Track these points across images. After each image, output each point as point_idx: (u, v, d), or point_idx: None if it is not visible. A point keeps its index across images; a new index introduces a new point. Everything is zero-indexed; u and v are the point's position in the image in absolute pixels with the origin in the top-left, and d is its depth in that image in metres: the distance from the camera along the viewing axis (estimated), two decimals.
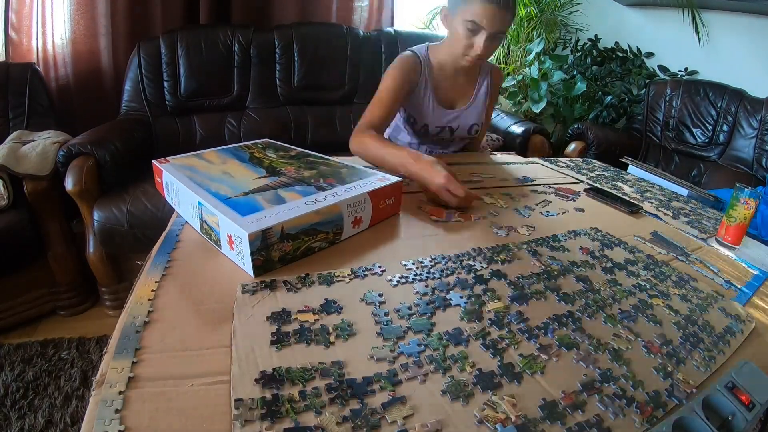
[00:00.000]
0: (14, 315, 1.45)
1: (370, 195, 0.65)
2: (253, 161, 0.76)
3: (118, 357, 0.40)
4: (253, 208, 0.56)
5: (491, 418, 0.37)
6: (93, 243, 1.49)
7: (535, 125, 2.06)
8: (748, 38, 2.09)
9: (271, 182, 0.66)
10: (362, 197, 0.64)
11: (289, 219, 0.53)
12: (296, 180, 0.68)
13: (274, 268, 0.54)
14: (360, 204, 0.64)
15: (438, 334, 0.46)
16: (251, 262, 0.51)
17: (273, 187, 0.64)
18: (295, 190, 0.63)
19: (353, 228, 0.64)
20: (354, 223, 0.64)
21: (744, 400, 0.42)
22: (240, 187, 0.63)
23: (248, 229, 0.50)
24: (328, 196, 0.61)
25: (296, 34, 2.03)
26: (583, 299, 0.56)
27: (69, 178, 1.39)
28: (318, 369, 0.40)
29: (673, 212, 0.96)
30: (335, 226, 0.61)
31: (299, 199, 0.59)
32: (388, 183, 0.69)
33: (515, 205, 0.85)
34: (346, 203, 0.61)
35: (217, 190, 0.61)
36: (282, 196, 0.61)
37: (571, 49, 2.60)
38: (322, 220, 0.58)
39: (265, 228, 0.51)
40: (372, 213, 0.66)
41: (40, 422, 1.12)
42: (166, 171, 0.68)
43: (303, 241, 0.56)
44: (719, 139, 2.01)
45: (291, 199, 0.59)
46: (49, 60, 1.83)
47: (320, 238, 0.59)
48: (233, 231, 0.52)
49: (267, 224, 0.51)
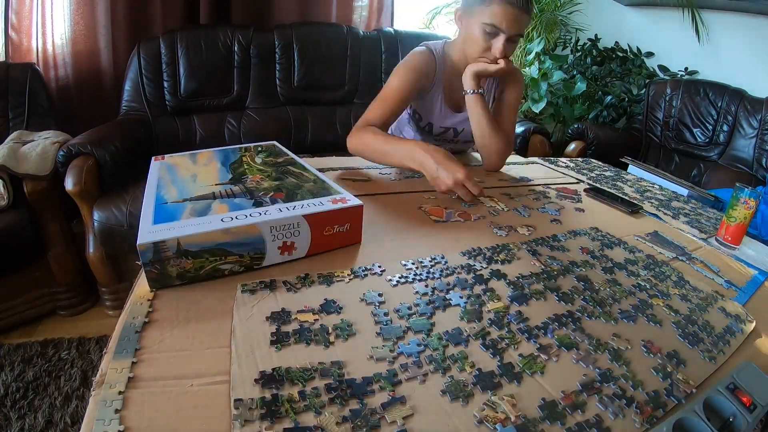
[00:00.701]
0: (14, 315, 1.45)
1: (308, 219, 0.55)
2: (233, 165, 0.72)
3: (118, 357, 0.40)
4: (172, 216, 0.52)
5: (491, 418, 0.37)
6: (93, 243, 1.49)
7: (535, 125, 2.06)
8: (748, 38, 2.09)
9: (220, 190, 0.61)
10: (294, 220, 0.54)
11: (187, 235, 0.48)
12: (247, 191, 0.61)
13: (172, 284, 0.49)
14: (290, 228, 0.54)
15: (438, 334, 0.46)
16: (145, 273, 0.48)
17: (216, 196, 0.59)
18: (231, 202, 0.57)
19: (282, 255, 0.55)
20: (283, 249, 0.55)
21: (745, 401, 0.41)
22: (189, 192, 0.59)
23: (142, 238, 0.47)
24: (253, 215, 0.53)
25: (296, 34, 2.03)
26: (582, 299, 0.56)
27: (69, 178, 1.39)
28: (318, 369, 0.40)
29: (673, 212, 0.96)
30: (253, 249, 0.53)
31: (223, 213, 0.53)
32: (341, 207, 0.58)
33: (515, 205, 0.85)
34: (269, 225, 0.52)
35: (165, 193, 0.58)
36: (212, 207, 0.55)
37: (571, 49, 2.60)
38: (233, 241, 0.51)
39: (157, 241, 0.47)
40: (312, 240, 0.57)
41: (40, 422, 1.12)
42: (151, 169, 0.67)
43: (207, 261, 0.50)
44: (719, 139, 2.01)
45: (216, 212, 0.54)
46: (49, 60, 1.83)
47: (231, 260, 0.52)
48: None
49: (161, 237, 0.47)
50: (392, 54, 2.17)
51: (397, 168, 0.97)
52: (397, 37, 2.21)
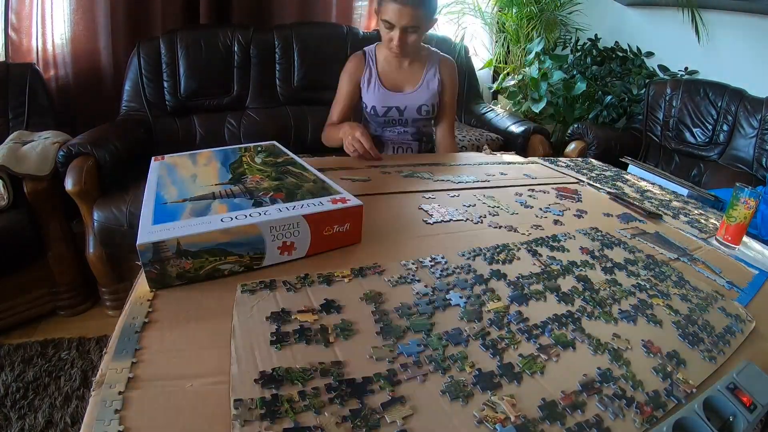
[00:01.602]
0: (14, 315, 1.45)
1: (308, 219, 0.55)
2: (233, 165, 0.72)
3: (118, 357, 0.40)
4: (172, 216, 0.52)
5: (491, 418, 0.37)
6: (93, 243, 1.49)
7: (534, 125, 2.06)
8: (748, 37, 2.09)
9: (220, 190, 0.61)
10: (294, 220, 0.54)
11: (187, 235, 0.48)
12: (247, 191, 0.61)
13: (172, 284, 0.49)
14: (290, 228, 0.54)
15: (438, 334, 0.46)
16: (145, 273, 0.48)
17: (216, 196, 0.59)
18: (231, 202, 0.57)
19: (282, 255, 0.55)
20: (282, 249, 0.55)
21: (745, 401, 0.41)
22: (189, 192, 0.59)
23: (142, 238, 0.47)
24: (253, 214, 0.53)
25: (296, 34, 2.03)
26: (582, 299, 0.56)
27: (69, 179, 1.39)
28: (317, 369, 0.40)
29: (673, 212, 0.96)
30: (253, 249, 0.53)
31: (222, 213, 0.53)
32: (341, 207, 0.58)
33: (515, 205, 0.85)
34: (269, 225, 0.52)
35: (165, 194, 0.58)
36: (212, 207, 0.55)
37: (571, 49, 2.60)
38: (233, 241, 0.50)
39: (156, 241, 0.47)
40: (312, 240, 0.57)
41: (40, 422, 1.12)
42: (151, 168, 0.67)
43: (207, 261, 0.50)
44: (719, 139, 2.01)
45: (216, 212, 0.54)
46: (49, 60, 1.82)
47: (231, 260, 0.51)
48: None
49: (161, 237, 0.47)
50: None
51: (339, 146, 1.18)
52: None
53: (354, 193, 0.63)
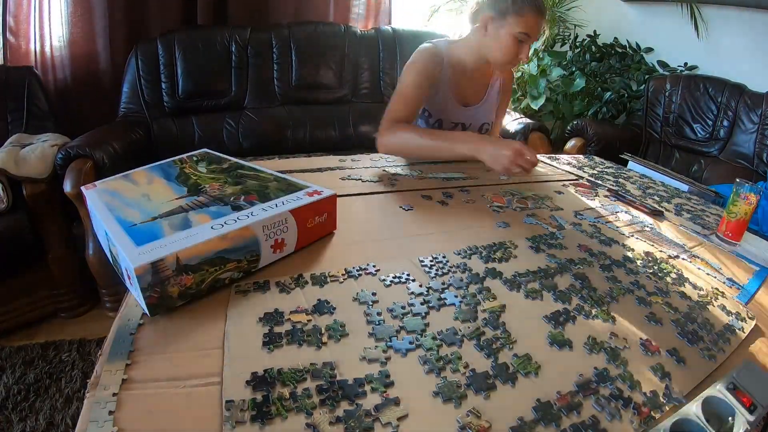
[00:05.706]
0: (15, 317, 1.45)
1: (294, 213, 0.56)
2: (179, 179, 0.67)
3: (112, 359, 0.40)
4: (154, 235, 0.48)
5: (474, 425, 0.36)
6: (92, 245, 1.49)
7: (534, 122, 2.05)
8: (747, 33, 2.07)
9: (186, 203, 0.58)
10: (282, 216, 0.55)
11: (185, 248, 0.46)
12: (215, 199, 0.59)
13: (175, 305, 0.47)
14: (280, 224, 0.55)
15: (432, 334, 0.46)
16: (143, 300, 0.44)
17: (187, 208, 0.56)
18: (209, 211, 0.55)
19: (274, 253, 0.56)
20: (275, 248, 0.55)
21: (745, 401, 0.41)
22: (152, 211, 0.55)
23: (136, 261, 0.43)
24: (241, 218, 0.52)
25: (293, 33, 2.03)
26: (579, 297, 0.55)
27: (68, 181, 1.39)
28: (309, 370, 0.40)
29: (674, 208, 0.95)
30: (249, 252, 0.52)
31: (207, 223, 0.51)
32: (319, 198, 0.60)
33: (515, 204, 0.84)
34: (261, 225, 0.52)
35: (126, 217, 0.53)
36: (191, 219, 0.52)
37: (570, 46, 2.59)
38: (231, 247, 0.50)
39: (155, 260, 0.43)
40: (298, 234, 0.58)
41: (41, 424, 1.12)
42: (88, 198, 0.61)
43: (207, 273, 0.48)
44: (719, 135, 2.00)
45: (199, 223, 0.51)
46: (47, 63, 1.83)
47: (230, 267, 0.50)
48: (126, 264, 0.44)
49: (158, 255, 0.44)
50: (390, 53, 2.16)
51: (439, 160, 1.01)
52: (394, 36, 2.20)
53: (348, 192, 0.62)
